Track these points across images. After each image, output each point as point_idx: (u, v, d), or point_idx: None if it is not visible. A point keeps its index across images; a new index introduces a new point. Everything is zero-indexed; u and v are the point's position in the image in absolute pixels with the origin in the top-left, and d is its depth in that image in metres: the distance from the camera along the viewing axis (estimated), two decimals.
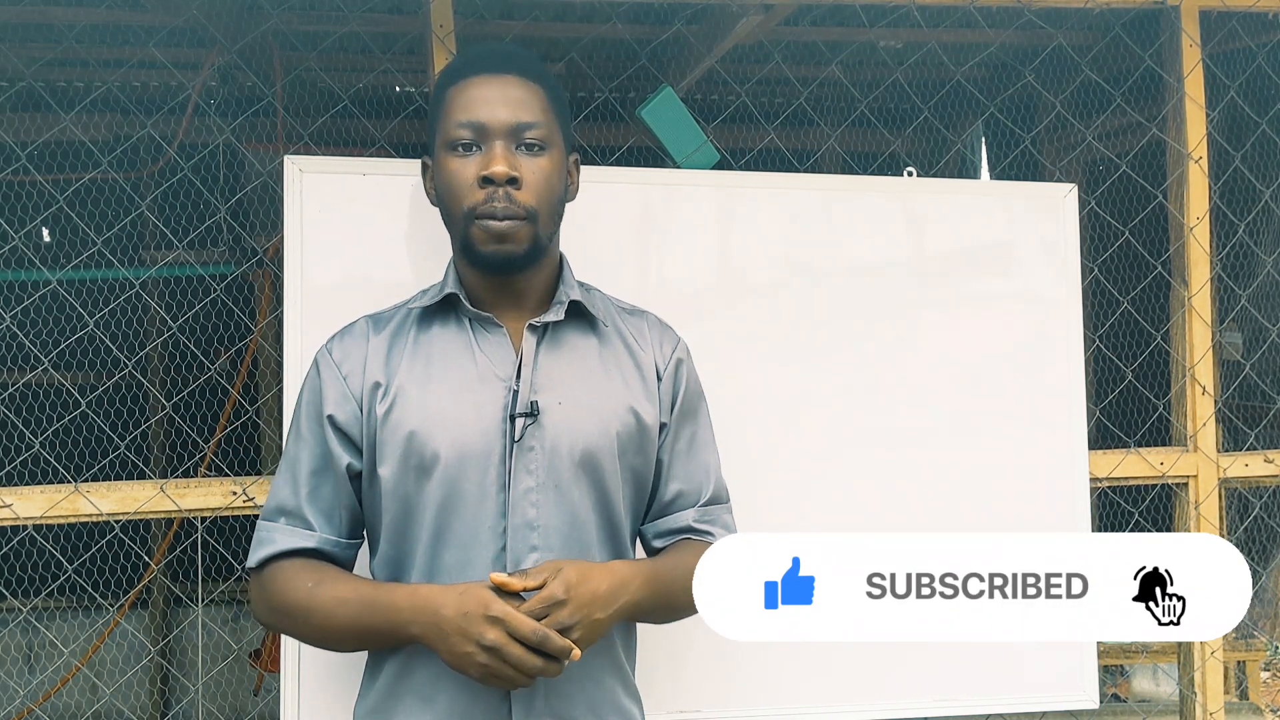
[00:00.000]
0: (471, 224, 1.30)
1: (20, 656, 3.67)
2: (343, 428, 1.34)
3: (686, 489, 1.42)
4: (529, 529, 1.30)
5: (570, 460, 1.31)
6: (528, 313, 1.38)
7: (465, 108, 1.32)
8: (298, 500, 1.34)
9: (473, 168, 1.30)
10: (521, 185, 1.30)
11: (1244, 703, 3.27)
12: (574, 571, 1.23)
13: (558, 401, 1.33)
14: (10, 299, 3.11)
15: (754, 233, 1.99)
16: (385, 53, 2.83)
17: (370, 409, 1.32)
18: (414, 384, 1.33)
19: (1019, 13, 2.33)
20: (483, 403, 1.31)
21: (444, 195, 1.35)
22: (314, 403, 1.36)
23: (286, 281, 1.79)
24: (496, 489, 1.30)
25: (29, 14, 2.57)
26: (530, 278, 1.37)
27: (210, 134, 3.02)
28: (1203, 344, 2.32)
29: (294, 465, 1.36)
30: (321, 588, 1.29)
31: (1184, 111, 2.33)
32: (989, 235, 2.11)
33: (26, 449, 2.24)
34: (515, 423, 1.30)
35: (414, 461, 1.30)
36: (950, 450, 2.02)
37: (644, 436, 1.38)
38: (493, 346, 1.35)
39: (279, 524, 1.34)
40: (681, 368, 1.44)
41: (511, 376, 1.33)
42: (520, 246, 1.31)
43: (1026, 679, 2.04)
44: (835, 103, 2.91)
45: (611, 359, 1.39)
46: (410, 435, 1.30)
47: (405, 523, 1.32)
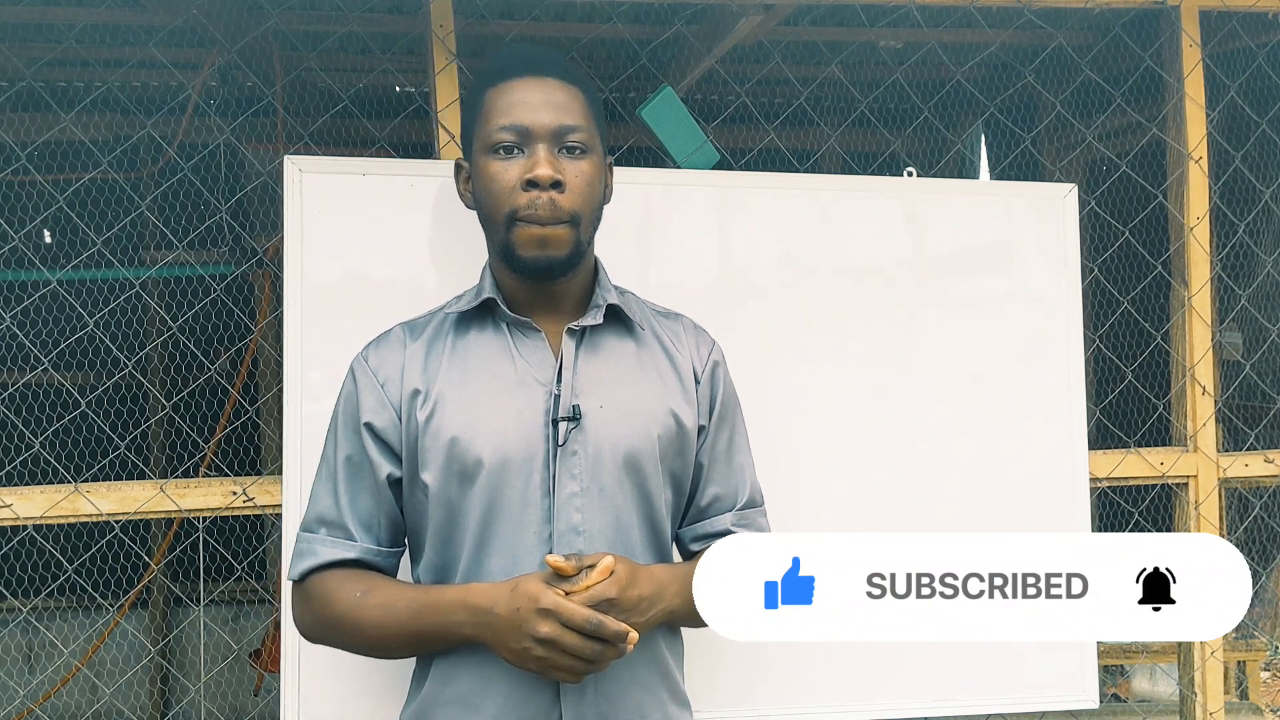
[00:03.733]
0: (514, 228, 1.29)
1: (20, 656, 3.67)
2: (381, 435, 1.33)
3: (724, 493, 1.42)
4: (574, 534, 1.29)
5: (613, 463, 1.31)
6: (565, 317, 1.37)
7: (507, 110, 1.30)
8: (338, 510, 1.33)
9: (515, 171, 1.29)
10: (565, 189, 1.28)
11: (1244, 703, 3.27)
12: (625, 572, 1.23)
13: (599, 405, 1.32)
14: (10, 299, 3.11)
15: (754, 233, 1.99)
16: (385, 53, 2.83)
17: (410, 416, 1.32)
18: (453, 390, 1.32)
19: (1019, 13, 2.33)
20: (523, 408, 1.31)
21: (484, 199, 1.33)
22: (351, 411, 1.35)
23: (286, 281, 1.79)
24: (541, 494, 1.29)
25: (29, 14, 2.57)
26: (569, 282, 1.36)
27: (210, 134, 3.02)
28: (1203, 344, 2.32)
29: (333, 474, 1.35)
30: (370, 596, 1.28)
31: (1184, 111, 2.33)
32: (989, 235, 2.11)
33: (26, 449, 2.24)
34: (558, 427, 1.29)
35: (456, 468, 1.29)
36: (950, 450, 2.02)
37: (683, 439, 1.37)
38: (531, 351, 1.34)
39: (320, 535, 1.33)
40: (718, 371, 1.44)
41: (552, 381, 1.32)
42: (562, 251, 1.29)
43: (1026, 679, 2.04)
44: (835, 103, 2.90)
45: (650, 362, 1.39)
46: (452, 441, 1.29)
47: (450, 529, 1.31)
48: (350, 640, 1.32)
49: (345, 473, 1.34)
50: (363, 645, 1.32)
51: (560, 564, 1.20)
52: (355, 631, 1.29)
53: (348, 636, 1.31)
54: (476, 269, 1.47)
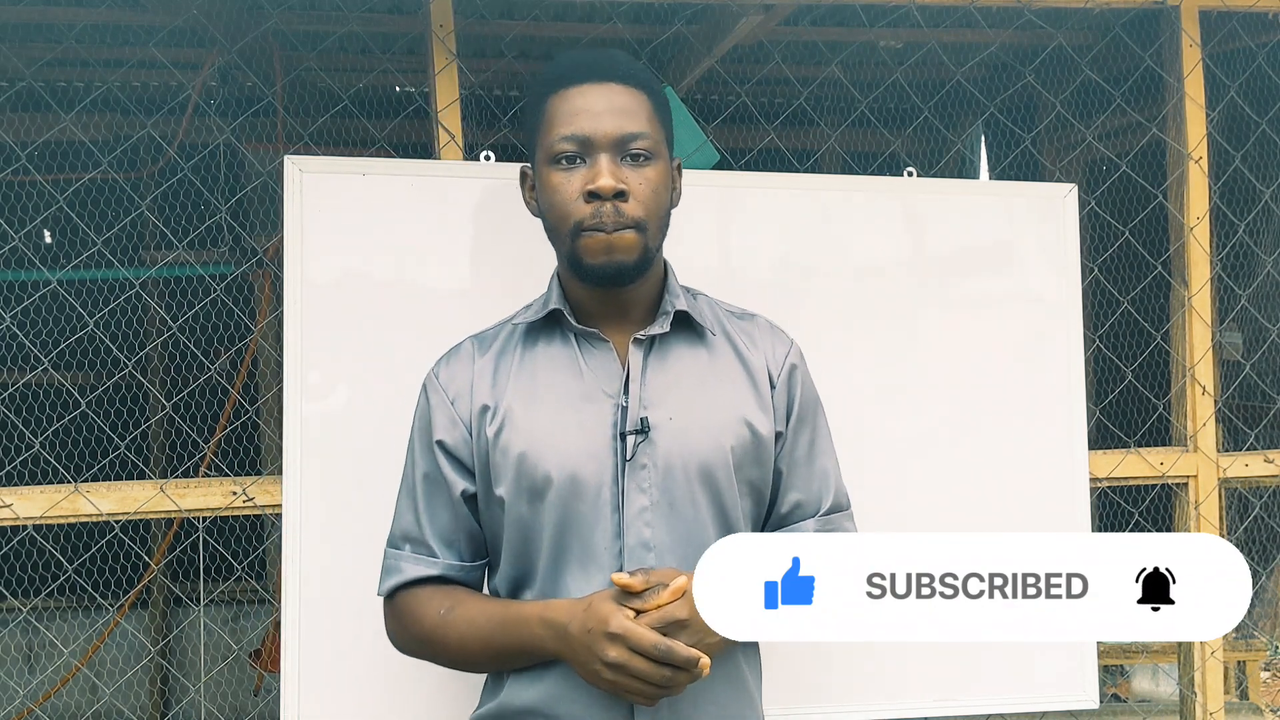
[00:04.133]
0: (579, 238, 1.27)
1: (20, 656, 3.67)
2: (453, 452, 1.33)
3: (805, 499, 1.38)
4: (644, 549, 1.27)
5: (684, 477, 1.29)
6: (634, 325, 1.35)
7: (568, 120, 1.27)
8: (419, 527, 1.34)
9: (578, 181, 1.26)
10: (629, 198, 1.26)
11: (1244, 703, 3.27)
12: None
13: (668, 417, 1.30)
14: (10, 299, 3.11)
15: (754, 233, 1.99)
16: (385, 53, 2.83)
17: (480, 432, 1.31)
18: (521, 404, 1.31)
19: (1019, 13, 2.33)
20: (591, 422, 1.29)
21: (548, 210, 1.31)
22: (424, 429, 1.35)
23: (286, 281, 1.79)
24: (610, 509, 1.28)
25: (29, 14, 2.57)
26: (637, 289, 1.34)
27: (210, 134, 3.02)
28: (1203, 344, 2.32)
29: (412, 491, 1.36)
30: (454, 613, 1.29)
31: (1184, 111, 2.33)
32: (989, 235, 2.11)
33: (26, 449, 2.24)
34: (626, 440, 1.28)
35: (526, 484, 1.28)
36: (950, 450, 2.02)
37: (759, 448, 1.34)
38: (599, 362, 1.32)
39: (404, 551, 1.34)
40: (796, 373, 1.40)
41: (619, 393, 1.30)
42: (630, 257, 1.27)
43: (1026, 679, 2.04)
44: (835, 103, 2.90)
45: (722, 369, 1.36)
46: (521, 457, 1.28)
47: (524, 545, 1.31)
48: (438, 656, 1.33)
49: (424, 490, 1.35)
50: (450, 660, 1.33)
51: (626, 581, 1.18)
52: (442, 648, 1.31)
53: (435, 653, 1.33)
54: (478, 268, 1.47)
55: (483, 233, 1.86)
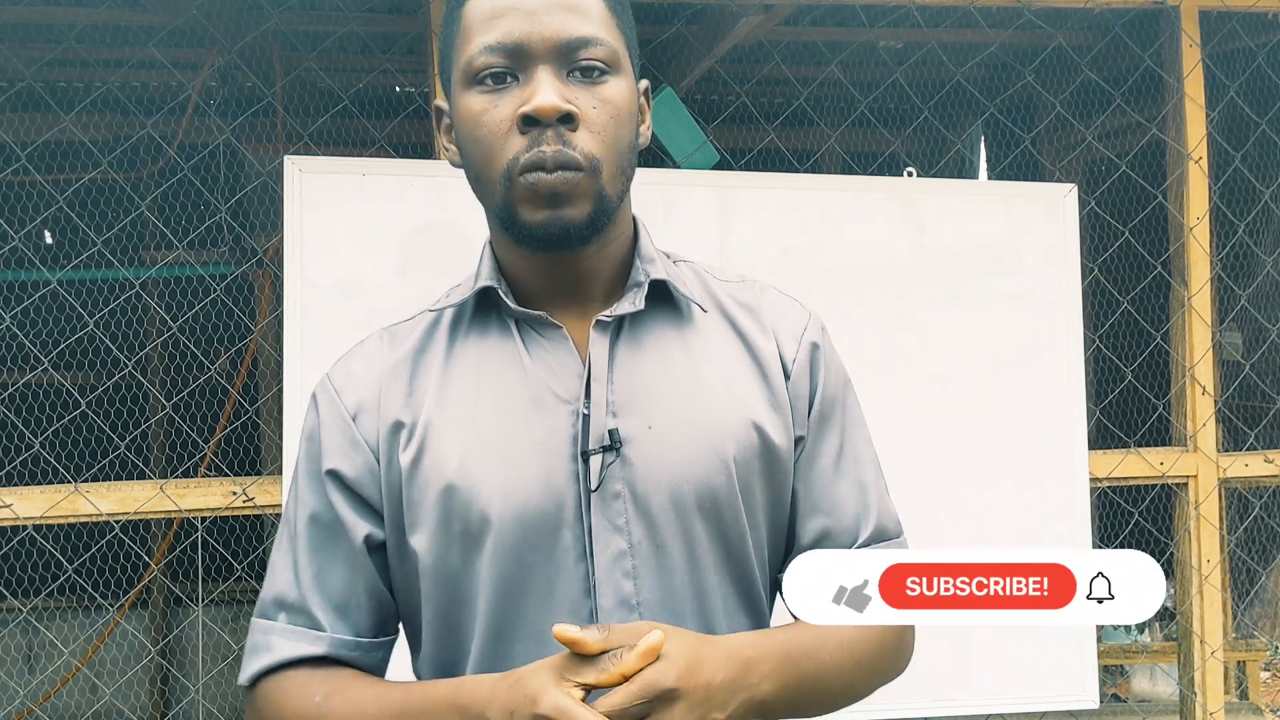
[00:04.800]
0: (512, 183, 0.91)
1: (20, 656, 3.67)
2: (353, 486, 0.97)
3: (835, 525, 1.01)
4: (626, 609, 0.93)
5: (673, 506, 0.94)
6: (594, 304, 0.99)
7: (491, 22, 0.93)
8: (299, 588, 0.97)
9: (508, 105, 0.92)
10: (578, 124, 0.91)
11: (1244, 703, 3.27)
12: (683, 650, 0.84)
13: (646, 425, 0.95)
14: (10, 299, 3.11)
15: (754, 233, 1.99)
16: (385, 53, 2.83)
17: (390, 458, 0.96)
18: (447, 419, 0.96)
19: (1019, 13, 2.34)
20: (541, 437, 0.94)
21: (469, 149, 0.96)
22: (311, 455, 0.99)
23: (286, 281, 1.80)
24: (574, 558, 0.93)
25: (29, 14, 2.58)
26: (596, 255, 0.98)
27: (210, 134, 3.02)
28: (1203, 344, 2.32)
29: (293, 540, 0.99)
30: (333, 700, 0.93)
31: (1184, 111, 2.33)
32: (989, 235, 2.11)
33: (26, 449, 2.25)
34: (589, 462, 0.93)
35: (457, 528, 0.93)
36: (950, 450, 2.03)
37: (772, 458, 0.98)
38: (549, 355, 0.97)
39: (278, 622, 0.97)
40: (818, 354, 1.04)
41: (578, 396, 0.95)
42: (580, 209, 0.92)
43: (1026, 679, 2.04)
44: (835, 103, 2.90)
45: (718, 355, 1.00)
46: (447, 492, 0.93)
47: (454, 611, 0.95)
48: None
49: (309, 538, 0.98)
50: None
51: (572, 636, 0.82)
52: None
53: None
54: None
55: (483, 232, 1.86)
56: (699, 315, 1.02)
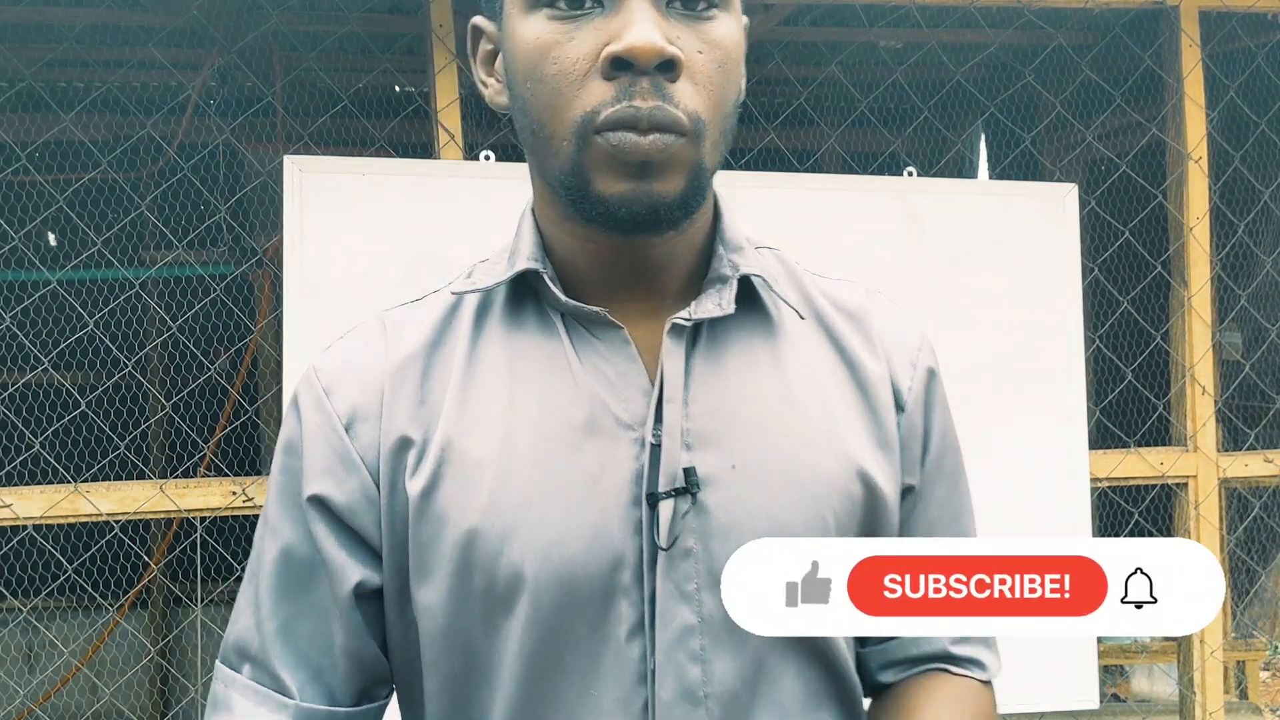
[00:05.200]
0: (588, 143, 0.69)
1: (20, 656, 3.67)
2: (342, 516, 0.75)
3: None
4: (690, 702, 0.71)
5: None
6: (666, 301, 0.77)
7: None
8: (261, 640, 0.77)
9: (589, 41, 0.69)
10: (679, 73, 0.68)
11: (1244, 703, 3.27)
12: None
13: (730, 464, 0.73)
14: (10, 299, 3.11)
15: (754, 232, 1.99)
16: (385, 53, 2.83)
17: (395, 484, 0.74)
18: (471, 439, 0.74)
19: (1019, 13, 2.34)
20: (596, 472, 0.72)
21: (528, 90, 0.71)
22: (291, 471, 0.78)
23: (286, 281, 1.80)
24: (628, 631, 0.72)
25: (29, 14, 2.58)
26: (675, 240, 0.76)
27: (210, 134, 3.02)
28: (1203, 344, 2.32)
29: (255, 577, 0.78)
30: None
31: (1184, 111, 2.33)
32: (989, 235, 2.11)
33: (26, 449, 2.25)
34: (658, 508, 0.71)
35: (479, 584, 0.72)
36: None
37: (876, 513, 0.78)
38: (607, 364, 0.75)
39: (240, 675, 0.77)
40: (935, 385, 0.87)
41: (645, 419, 0.73)
42: (674, 184, 0.70)
43: (1026, 679, 2.04)
44: (835, 103, 2.91)
45: (819, 377, 0.79)
46: (469, 538, 0.72)
47: (467, 688, 0.75)
48: None
49: (276, 578, 0.77)
50: None
51: None
52: None
53: None
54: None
55: (483, 232, 1.86)
56: (791, 320, 0.80)
